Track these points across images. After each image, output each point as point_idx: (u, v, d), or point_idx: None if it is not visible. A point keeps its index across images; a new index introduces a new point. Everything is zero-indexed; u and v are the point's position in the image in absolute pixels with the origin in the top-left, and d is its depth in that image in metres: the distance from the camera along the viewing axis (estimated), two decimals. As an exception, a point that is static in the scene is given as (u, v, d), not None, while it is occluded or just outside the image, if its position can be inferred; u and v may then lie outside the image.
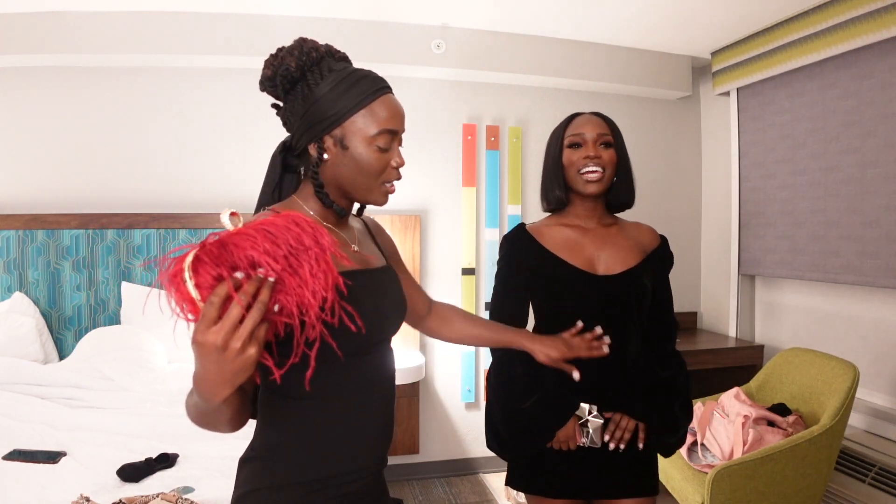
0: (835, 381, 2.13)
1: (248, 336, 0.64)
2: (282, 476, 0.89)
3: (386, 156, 0.93)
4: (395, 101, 0.95)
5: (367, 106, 0.91)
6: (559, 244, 1.39)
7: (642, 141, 3.43)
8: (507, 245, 1.45)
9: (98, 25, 2.62)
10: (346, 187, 0.95)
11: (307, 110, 0.92)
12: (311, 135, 0.93)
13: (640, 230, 1.47)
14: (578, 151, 1.37)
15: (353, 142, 0.91)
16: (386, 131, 0.91)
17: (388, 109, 0.92)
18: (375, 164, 0.92)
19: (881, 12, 2.27)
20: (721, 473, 1.88)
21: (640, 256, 1.40)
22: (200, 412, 0.79)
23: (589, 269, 1.36)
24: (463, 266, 3.15)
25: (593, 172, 1.34)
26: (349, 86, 0.91)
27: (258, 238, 0.66)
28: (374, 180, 0.93)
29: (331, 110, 0.90)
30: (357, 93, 0.91)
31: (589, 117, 1.40)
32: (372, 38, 2.85)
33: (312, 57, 0.92)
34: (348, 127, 0.91)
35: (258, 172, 3.06)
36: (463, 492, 2.94)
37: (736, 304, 3.23)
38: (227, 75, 2.89)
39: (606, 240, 1.40)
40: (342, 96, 0.90)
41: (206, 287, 0.64)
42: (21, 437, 1.84)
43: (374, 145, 0.91)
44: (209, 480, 1.57)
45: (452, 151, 3.14)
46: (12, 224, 2.63)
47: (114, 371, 2.30)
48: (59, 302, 2.67)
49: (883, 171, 2.38)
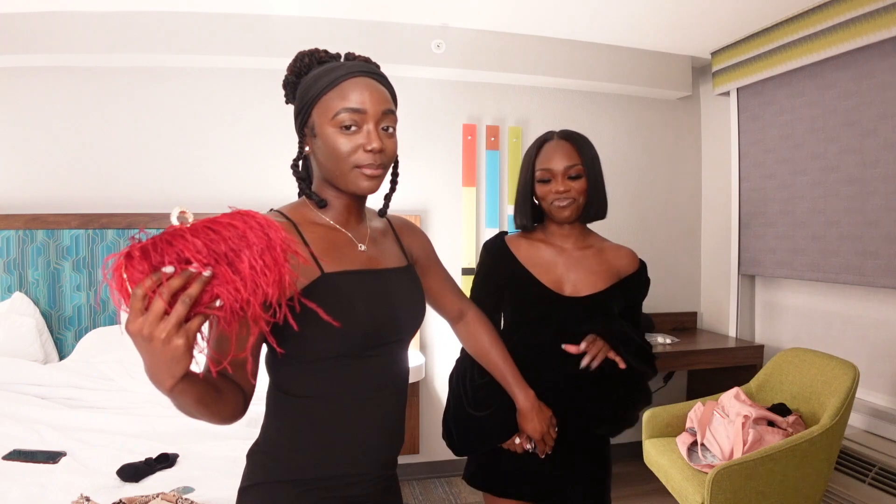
0: (835, 381, 2.13)
1: (174, 328, 0.65)
2: (282, 472, 0.90)
3: (353, 136, 0.89)
4: (368, 82, 0.91)
5: (334, 88, 0.89)
6: (533, 260, 1.43)
7: (642, 141, 3.43)
8: (485, 253, 1.50)
9: (98, 25, 2.62)
10: (327, 177, 0.93)
11: (295, 109, 0.94)
12: (298, 129, 0.95)
13: (619, 254, 1.48)
14: (548, 186, 1.39)
15: (321, 126, 0.90)
16: (347, 109, 0.88)
17: (354, 88, 0.89)
18: (341, 147, 0.89)
19: (881, 12, 2.27)
20: (721, 473, 1.88)
21: (612, 281, 1.42)
22: (173, 403, 0.79)
23: (556, 289, 1.40)
24: (463, 266, 3.15)
25: (563, 202, 1.38)
26: (323, 75, 0.91)
27: (195, 234, 0.66)
28: (343, 163, 0.90)
29: (304, 98, 0.92)
30: (327, 79, 0.90)
31: (557, 145, 1.40)
32: (372, 38, 2.85)
33: (305, 62, 0.94)
34: (316, 111, 0.91)
35: (258, 172, 3.08)
36: (463, 492, 2.94)
37: (736, 304, 3.23)
38: (227, 75, 2.89)
39: (580, 262, 1.43)
40: (314, 84, 0.91)
41: (136, 281, 0.66)
42: (21, 437, 1.83)
43: (339, 126, 0.88)
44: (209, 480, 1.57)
45: (452, 151, 3.14)
46: (12, 224, 2.63)
47: (114, 371, 2.30)
48: (59, 302, 2.67)
49: (883, 171, 2.38)
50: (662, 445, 2.36)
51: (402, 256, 1.06)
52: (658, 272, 3.30)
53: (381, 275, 0.97)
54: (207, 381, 0.79)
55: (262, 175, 2.95)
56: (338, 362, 0.88)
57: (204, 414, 0.79)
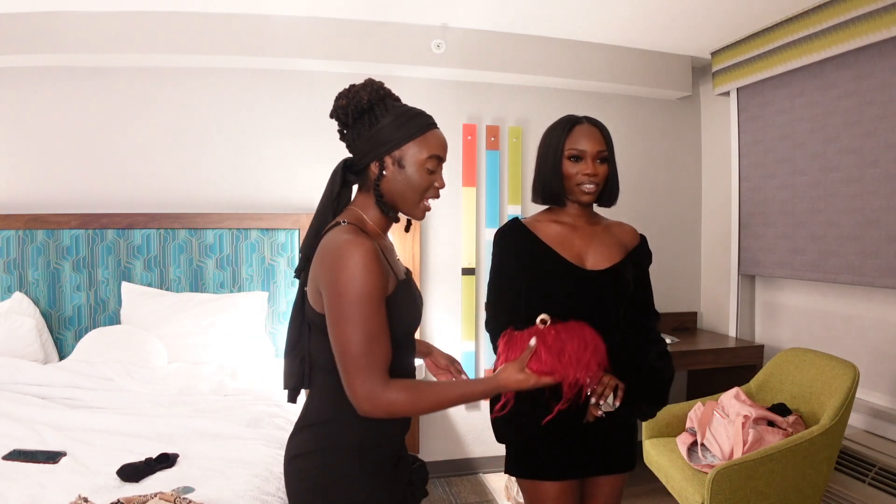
0: (835, 381, 2.13)
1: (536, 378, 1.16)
2: (344, 438, 1.11)
3: (432, 177, 1.17)
4: (442, 135, 1.20)
5: (422, 136, 1.15)
6: (552, 238, 1.48)
7: (642, 141, 3.43)
8: (502, 237, 1.52)
9: (97, 25, 2.62)
10: (396, 200, 1.17)
11: (372, 136, 1.14)
12: (374, 155, 1.14)
13: (622, 229, 1.57)
14: (578, 165, 1.46)
15: (409, 163, 1.15)
16: (435, 157, 1.16)
17: (437, 140, 1.17)
18: (423, 183, 1.16)
19: (881, 12, 2.27)
20: (721, 473, 1.88)
21: (623, 254, 1.51)
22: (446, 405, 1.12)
23: (578, 264, 1.46)
24: (463, 266, 3.15)
25: (590, 185, 1.45)
26: (407, 119, 1.15)
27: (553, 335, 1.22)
28: (419, 195, 1.17)
29: (393, 136, 1.13)
30: (414, 125, 1.15)
31: (589, 129, 1.47)
32: (372, 38, 2.85)
33: (380, 94, 1.16)
34: (405, 151, 1.14)
35: (258, 172, 3.08)
36: (463, 492, 2.94)
37: (736, 304, 3.23)
38: (227, 75, 2.89)
39: (594, 237, 1.50)
40: (402, 126, 1.14)
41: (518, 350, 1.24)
42: (21, 437, 1.83)
43: (425, 168, 1.15)
44: (209, 480, 1.57)
45: (452, 151, 3.13)
46: (12, 224, 2.63)
47: (114, 371, 2.30)
48: (59, 302, 2.67)
49: (883, 171, 2.38)
50: (662, 445, 2.36)
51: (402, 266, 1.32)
52: (658, 272, 3.28)
53: (412, 279, 1.25)
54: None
55: (262, 175, 2.95)
56: (398, 346, 1.12)
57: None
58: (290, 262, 2.88)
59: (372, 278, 1.02)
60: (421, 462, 1.32)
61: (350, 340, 1.02)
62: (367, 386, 1.02)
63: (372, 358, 1.02)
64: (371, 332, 1.03)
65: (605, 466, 1.49)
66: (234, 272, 2.83)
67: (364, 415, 1.04)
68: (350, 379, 1.03)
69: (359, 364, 1.02)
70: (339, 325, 1.03)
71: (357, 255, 1.02)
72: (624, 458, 1.51)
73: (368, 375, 1.02)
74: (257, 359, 2.65)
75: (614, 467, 1.50)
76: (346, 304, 1.02)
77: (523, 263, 1.46)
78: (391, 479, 1.17)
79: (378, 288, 1.03)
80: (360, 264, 1.02)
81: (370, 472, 1.12)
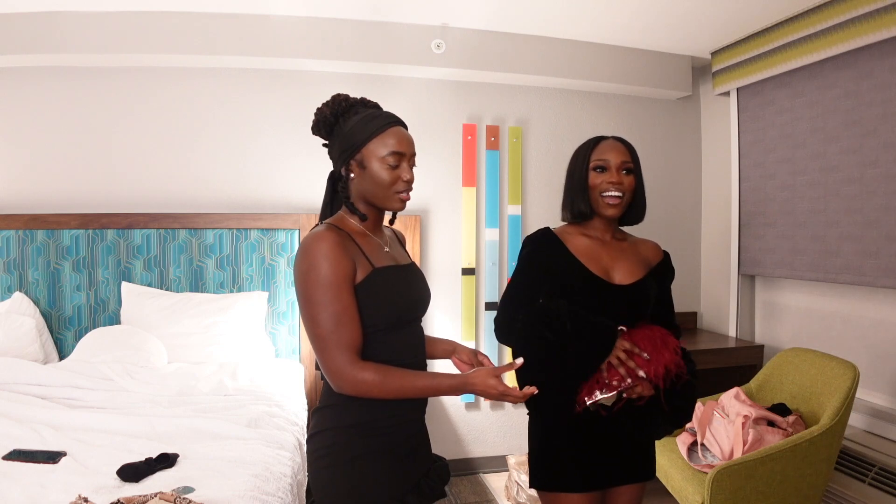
0: (835, 381, 2.13)
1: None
2: (345, 418, 1.20)
3: (396, 172, 1.22)
4: (403, 132, 1.25)
5: (379, 135, 1.21)
6: (581, 250, 1.50)
7: (642, 141, 3.42)
8: (532, 244, 1.53)
9: (97, 25, 2.62)
10: (369, 198, 1.25)
11: (339, 144, 1.23)
12: (342, 160, 1.24)
13: (646, 246, 1.61)
14: (603, 175, 1.49)
15: (370, 162, 1.21)
16: (393, 153, 1.21)
17: (395, 137, 1.22)
18: (387, 178, 1.21)
19: (881, 12, 2.27)
20: (721, 473, 1.88)
21: (646, 270, 1.54)
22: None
23: (606, 278, 1.48)
24: (463, 266, 3.15)
25: (614, 197, 1.47)
26: (367, 121, 1.22)
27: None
28: (387, 190, 1.22)
29: (353, 140, 1.21)
30: (373, 125, 1.21)
31: (614, 143, 1.51)
32: (372, 38, 2.85)
33: (342, 106, 1.24)
34: (366, 151, 1.21)
35: (257, 172, 3.08)
36: (463, 492, 2.94)
37: (736, 304, 3.23)
38: (228, 75, 2.89)
39: (620, 253, 1.54)
40: (362, 129, 1.21)
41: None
42: (21, 437, 1.83)
43: (386, 163, 1.20)
44: (209, 480, 1.56)
45: (452, 151, 3.14)
46: (12, 224, 2.63)
47: (114, 371, 2.30)
48: (59, 302, 2.67)
49: (883, 171, 2.38)
50: (662, 445, 2.36)
51: (407, 256, 1.40)
52: (658, 272, 3.30)
53: (403, 269, 1.30)
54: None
55: (261, 175, 2.95)
56: (386, 332, 1.20)
57: None
58: (289, 262, 2.88)
59: (333, 265, 1.12)
60: (444, 462, 1.38)
61: (317, 322, 1.13)
62: (336, 363, 1.12)
63: (338, 337, 1.12)
64: (336, 314, 1.12)
65: (627, 476, 1.52)
66: (234, 272, 2.83)
67: (338, 391, 1.15)
68: (321, 357, 1.14)
69: (327, 343, 1.12)
70: (306, 309, 1.14)
71: (318, 246, 1.13)
72: (644, 467, 1.55)
73: (337, 354, 1.12)
74: (257, 359, 2.66)
75: (635, 476, 1.53)
76: (310, 289, 1.13)
77: (550, 272, 1.48)
78: (398, 463, 1.23)
79: (340, 275, 1.13)
80: (320, 253, 1.12)
81: (374, 452, 1.20)
